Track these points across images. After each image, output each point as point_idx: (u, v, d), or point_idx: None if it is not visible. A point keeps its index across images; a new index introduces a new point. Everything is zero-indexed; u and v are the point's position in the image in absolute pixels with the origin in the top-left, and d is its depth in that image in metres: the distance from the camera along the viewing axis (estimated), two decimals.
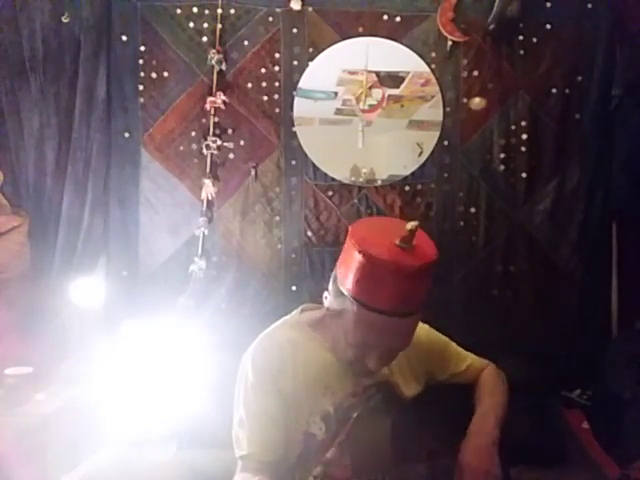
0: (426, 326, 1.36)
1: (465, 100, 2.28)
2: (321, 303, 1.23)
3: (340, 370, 1.22)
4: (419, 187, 2.32)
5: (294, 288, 2.33)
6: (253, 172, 2.31)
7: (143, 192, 2.33)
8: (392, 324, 1.09)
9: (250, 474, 1.13)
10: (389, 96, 2.29)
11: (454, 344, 1.40)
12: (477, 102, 2.28)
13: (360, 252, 1.08)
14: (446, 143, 2.30)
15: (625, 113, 2.22)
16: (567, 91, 2.27)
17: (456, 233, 2.31)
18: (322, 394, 1.20)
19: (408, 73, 2.28)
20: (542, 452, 1.82)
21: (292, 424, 1.18)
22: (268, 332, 1.28)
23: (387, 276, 1.06)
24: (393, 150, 2.31)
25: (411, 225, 1.07)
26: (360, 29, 2.26)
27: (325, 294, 1.21)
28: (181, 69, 2.28)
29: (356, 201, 2.32)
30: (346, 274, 1.12)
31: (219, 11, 2.24)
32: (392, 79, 2.28)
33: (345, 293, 1.12)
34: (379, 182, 2.32)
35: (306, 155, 2.31)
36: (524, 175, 2.29)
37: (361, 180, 2.32)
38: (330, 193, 2.32)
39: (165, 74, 2.28)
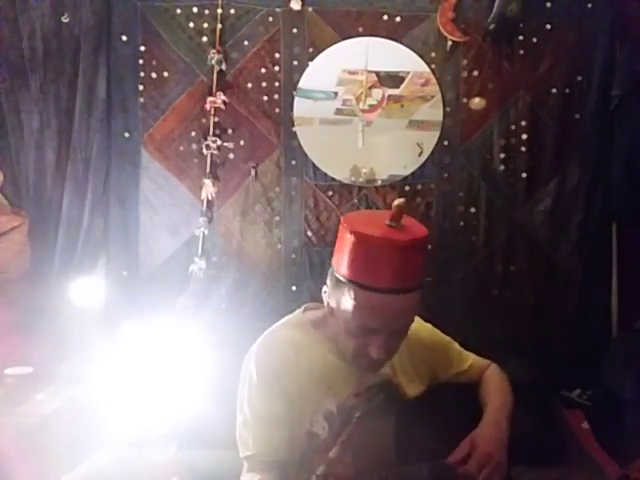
0: (429, 325, 1.36)
1: (465, 100, 2.28)
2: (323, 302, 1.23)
3: (343, 370, 1.22)
4: (419, 187, 2.32)
5: (294, 288, 2.33)
6: (253, 172, 2.31)
7: (143, 192, 2.33)
8: (392, 303, 1.09)
9: (257, 474, 1.13)
10: (389, 96, 2.29)
11: (456, 343, 1.40)
12: (477, 102, 2.28)
13: (352, 233, 1.11)
14: (446, 143, 2.30)
15: (625, 113, 2.22)
16: (567, 91, 2.26)
17: (456, 233, 2.31)
18: (325, 394, 1.20)
19: (408, 73, 2.28)
20: (542, 452, 1.82)
21: (295, 424, 1.18)
22: (271, 332, 1.27)
23: (380, 253, 1.09)
24: (393, 150, 2.31)
25: (398, 201, 1.11)
26: (360, 29, 2.26)
27: (324, 288, 1.21)
28: (181, 69, 2.28)
29: (356, 201, 2.32)
30: (341, 260, 1.14)
31: (219, 11, 2.24)
32: (392, 79, 2.28)
33: (341, 279, 1.13)
34: (379, 182, 2.32)
35: (306, 155, 2.31)
36: (524, 175, 2.29)
37: (361, 180, 2.32)
38: (330, 193, 2.32)
39: (165, 74, 2.28)
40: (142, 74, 2.28)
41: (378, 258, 1.09)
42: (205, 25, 2.26)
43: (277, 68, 2.29)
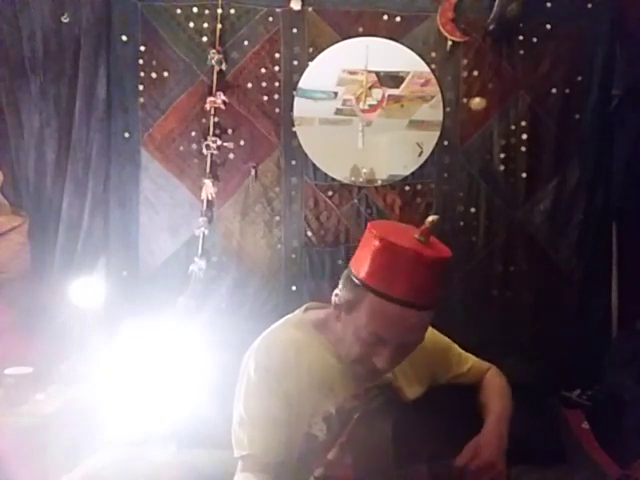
0: (429, 327, 1.36)
1: (465, 100, 2.28)
2: (324, 302, 1.23)
3: (343, 372, 1.21)
4: (419, 187, 2.32)
5: (294, 288, 2.33)
6: (253, 172, 2.31)
7: (143, 192, 2.33)
8: (407, 316, 1.09)
9: (251, 474, 1.12)
10: (389, 96, 2.29)
11: (456, 345, 1.40)
12: (477, 102, 2.28)
13: (381, 241, 1.10)
14: (446, 143, 2.30)
15: (625, 113, 2.22)
16: (567, 91, 2.27)
17: (456, 233, 2.31)
18: (324, 395, 1.20)
19: (408, 73, 2.28)
20: (542, 452, 1.82)
21: (293, 425, 1.17)
22: (271, 331, 1.26)
23: (406, 265, 1.08)
24: (393, 150, 2.31)
25: (432, 218, 1.10)
26: (360, 29, 2.26)
27: (335, 291, 1.20)
28: (181, 69, 2.28)
29: (356, 201, 2.32)
30: (363, 265, 1.12)
31: (219, 11, 2.24)
32: (392, 79, 2.28)
33: (361, 284, 1.12)
34: (379, 182, 2.32)
35: (306, 155, 2.31)
36: (524, 175, 2.29)
37: (361, 180, 2.32)
38: (330, 193, 2.32)
39: (165, 74, 2.28)
40: (142, 74, 2.28)
41: (404, 269, 1.08)
42: (205, 25, 2.26)
43: (277, 68, 2.29)
